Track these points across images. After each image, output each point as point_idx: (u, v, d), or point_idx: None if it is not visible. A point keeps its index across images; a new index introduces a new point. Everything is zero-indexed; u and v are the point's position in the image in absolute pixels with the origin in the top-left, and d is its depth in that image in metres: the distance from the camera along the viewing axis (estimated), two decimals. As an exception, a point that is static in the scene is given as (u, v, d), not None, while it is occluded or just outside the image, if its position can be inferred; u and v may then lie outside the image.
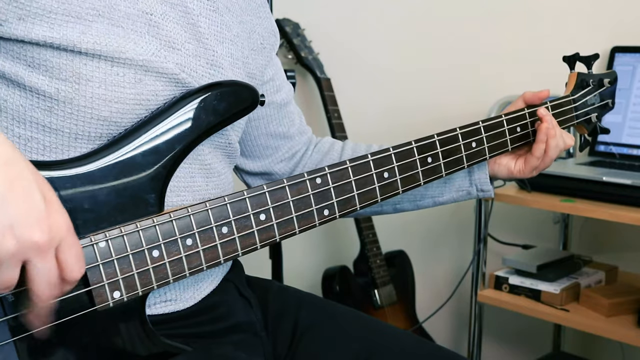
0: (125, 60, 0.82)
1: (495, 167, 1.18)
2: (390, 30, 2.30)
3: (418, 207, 1.19)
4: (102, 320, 0.79)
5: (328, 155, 1.19)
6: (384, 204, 1.17)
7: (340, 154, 1.19)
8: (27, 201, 0.64)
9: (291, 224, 0.89)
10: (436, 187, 1.17)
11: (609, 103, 1.31)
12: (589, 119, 1.28)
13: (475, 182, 1.17)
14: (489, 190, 1.17)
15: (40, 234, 0.64)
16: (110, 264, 0.76)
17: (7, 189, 0.63)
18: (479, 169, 1.16)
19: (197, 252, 0.82)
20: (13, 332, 0.72)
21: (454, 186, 1.17)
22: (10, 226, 0.63)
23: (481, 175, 1.16)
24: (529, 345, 2.39)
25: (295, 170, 1.18)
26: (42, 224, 0.65)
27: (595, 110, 1.29)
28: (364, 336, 1.05)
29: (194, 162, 0.92)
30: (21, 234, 0.63)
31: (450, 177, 1.16)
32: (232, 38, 0.97)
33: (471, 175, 1.17)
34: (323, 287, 2.17)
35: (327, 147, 1.21)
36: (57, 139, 0.81)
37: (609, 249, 2.17)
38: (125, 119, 0.83)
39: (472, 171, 1.17)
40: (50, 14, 0.78)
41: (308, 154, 1.20)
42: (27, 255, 0.65)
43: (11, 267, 0.64)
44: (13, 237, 0.63)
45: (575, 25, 2.15)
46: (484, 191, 1.17)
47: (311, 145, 1.21)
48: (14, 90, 0.80)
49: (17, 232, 0.63)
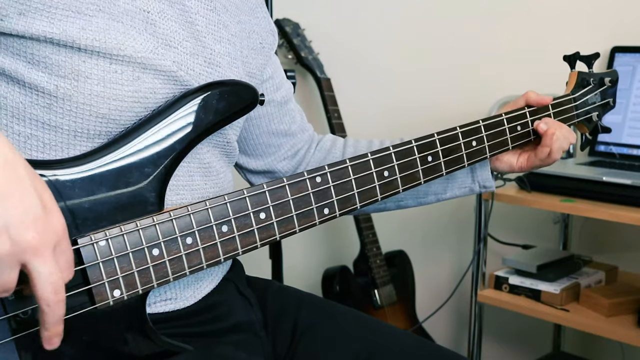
0: (123, 57, 0.82)
1: (497, 163, 1.19)
2: (390, 30, 2.30)
3: (421, 203, 1.20)
4: (102, 318, 0.79)
5: (331, 154, 1.19)
6: (387, 200, 1.17)
7: (342, 152, 1.19)
8: (24, 203, 0.64)
9: (291, 223, 0.89)
10: (439, 184, 1.17)
11: (610, 102, 1.31)
12: (589, 118, 1.28)
13: (478, 179, 1.17)
14: (492, 186, 1.18)
15: (35, 234, 0.64)
16: (111, 263, 0.76)
17: (4, 190, 0.63)
18: (481, 165, 1.17)
19: (197, 251, 0.82)
20: (13, 331, 0.72)
21: (456, 183, 1.18)
22: (6, 227, 0.63)
23: (484, 172, 1.17)
24: (529, 345, 2.39)
25: (298, 168, 1.18)
26: (38, 225, 0.64)
27: (596, 109, 1.29)
28: (363, 336, 1.05)
29: (192, 161, 0.92)
30: (16, 235, 0.63)
31: (452, 175, 1.16)
32: (229, 37, 0.97)
33: (474, 171, 1.17)
34: (323, 287, 2.17)
35: (329, 145, 1.21)
36: (56, 136, 0.81)
37: (609, 249, 2.17)
38: (123, 116, 0.83)
39: (474, 169, 1.17)
40: (50, 9, 0.78)
41: (311, 152, 1.20)
42: (23, 257, 0.64)
43: (8, 269, 0.64)
44: (8, 238, 0.63)
45: (575, 25, 2.15)
46: (486, 187, 1.18)
47: (313, 143, 1.21)
48: (14, 87, 0.80)
49: (12, 232, 0.63)
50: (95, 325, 0.78)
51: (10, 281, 0.65)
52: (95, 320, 0.78)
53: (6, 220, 0.63)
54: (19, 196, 0.64)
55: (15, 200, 0.64)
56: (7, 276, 0.64)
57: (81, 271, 0.75)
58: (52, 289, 0.66)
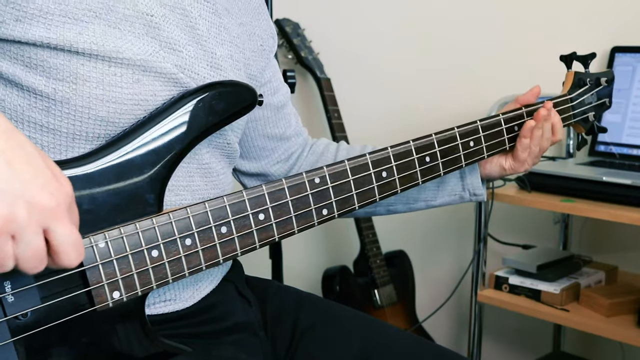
0: (122, 60, 0.82)
1: (488, 166, 1.18)
2: (390, 30, 2.30)
3: (411, 209, 1.19)
4: (101, 320, 0.79)
5: (323, 157, 1.19)
6: (378, 205, 1.17)
7: (335, 155, 1.19)
8: (31, 166, 0.63)
9: (290, 224, 0.89)
10: (429, 191, 1.17)
11: (606, 102, 1.31)
12: (586, 118, 1.28)
13: (468, 186, 1.17)
14: (482, 194, 1.17)
15: (51, 197, 0.63)
16: (110, 264, 0.76)
17: (10, 155, 0.62)
18: (471, 173, 1.16)
19: (196, 252, 0.82)
20: (13, 333, 0.72)
21: (446, 190, 1.17)
22: (20, 192, 0.61)
23: (473, 180, 1.17)
24: (529, 345, 2.39)
25: (291, 171, 1.18)
26: (50, 187, 0.63)
27: (593, 109, 1.29)
28: (364, 336, 1.05)
29: (192, 161, 0.92)
30: (31, 199, 0.61)
31: (443, 181, 1.17)
32: (232, 40, 0.97)
33: (464, 179, 1.17)
34: (323, 287, 2.17)
35: (322, 148, 1.21)
36: (55, 139, 0.81)
37: (609, 249, 2.17)
38: (123, 119, 0.83)
39: (464, 175, 1.17)
40: (47, 15, 0.78)
41: (304, 156, 1.20)
42: (43, 221, 0.63)
43: (33, 236, 0.62)
44: (24, 202, 0.61)
45: (575, 25, 2.15)
46: (476, 195, 1.17)
47: (307, 147, 1.21)
48: (12, 90, 0.80)
49: (27, 197, 0.61)
50: (94, 326, 0.78)
51: (40, 248, 0.63)
52: (94, 322, 0.78)
53: (19, 185, 0.61)
54: (26, 160, 0.63)
55: (22, 164, 0.62)
56: (35, 244, 0.62)
57: (80, 273, 0.75)
58: (75, 249, 0.65)
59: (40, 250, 0.63)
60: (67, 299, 0.75)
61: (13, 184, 0.61)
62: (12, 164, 0.62)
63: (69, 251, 0.65)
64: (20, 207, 0.61)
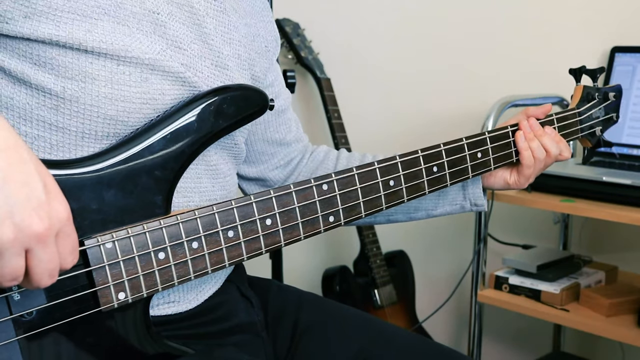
0: (131, 58, 0.82)
1: (492, 179, 1.17)
2: (390, 31, 2.30)
3: (411, 219, 1.19)
4: (105, 320, 0.79)
5: (323, 165, 1.19)
6: (379, 214, 1.16)
7: (335, 164, 1.19)
8: (27, 188, 0.63)
9: (296, 230, 0.89)
10: (430, 200, 1.17)
11: (614, 117, 1.30)
12: (593, 132, 1.28)
13: (469, 196, 1.16)
14: (482, 205, 1.17)
15: (39, 222, 0.63)
16: (116, 265, 0.76)
17: (7, 174, 0.62)
18: (472, 183, 1.16)
19: (203, 256, 0.82)
20: (18, 331, 0.72)
21: (447, 199, 1.17)
22: (10, 213, 0.62)
23: (475, 190, 1.16)
24: (529, 345, 2.39)
25: (289, 177, 1.18)
26: (41, 211, 0.63)
27: (600, 124, 1.28)
28: (364, 335, 1.05)
29: (200, 163, 0.91)
30: (20, 222, 0.62)
31: (443, 190, 1.16)
32: (239, 39, 0.97)
33: (465, 189, 1.16)
34: (323, 287, 2.17)
35: (322, 156, 1.20)
36: (63, 137, 0.81)
37: (609, 249, 2.17)
38: (132, 118, 0.83)
39: (466, 185, 1.16)
40: (56, 12, 0.78)
41: (303, 162, 1.19)
42: (28, 244, 0.63)
43: (14, 257, 0.63)
44: (12, 224, 0.62)
45: (575, 25, 2.15)
46: (477, 205, 1.16)
47: (307, 154, 1.21)
48: (20, 88, 0.80)
49: (16, 219, 0.62)
50: (99, 326, 0.78)
51: (18, 268, 0.64)
52: (99, 322, 0.78)
53: (9, 205, 0.62)
54: (22, 180, 0.63)
55: (18, 184, 0.62)
56: (15, 263, 0.63)
57: (87, 273, 0.75)
58: (48, 275, 0.66)
59: (18, 269, 0.64)
60: (73, 299, 0.75)
61: (4, 204, 0.61)
62: (8, 184, 0.62)
63: (41, 276, 0.66)
64: (7, 227, 0.61)
